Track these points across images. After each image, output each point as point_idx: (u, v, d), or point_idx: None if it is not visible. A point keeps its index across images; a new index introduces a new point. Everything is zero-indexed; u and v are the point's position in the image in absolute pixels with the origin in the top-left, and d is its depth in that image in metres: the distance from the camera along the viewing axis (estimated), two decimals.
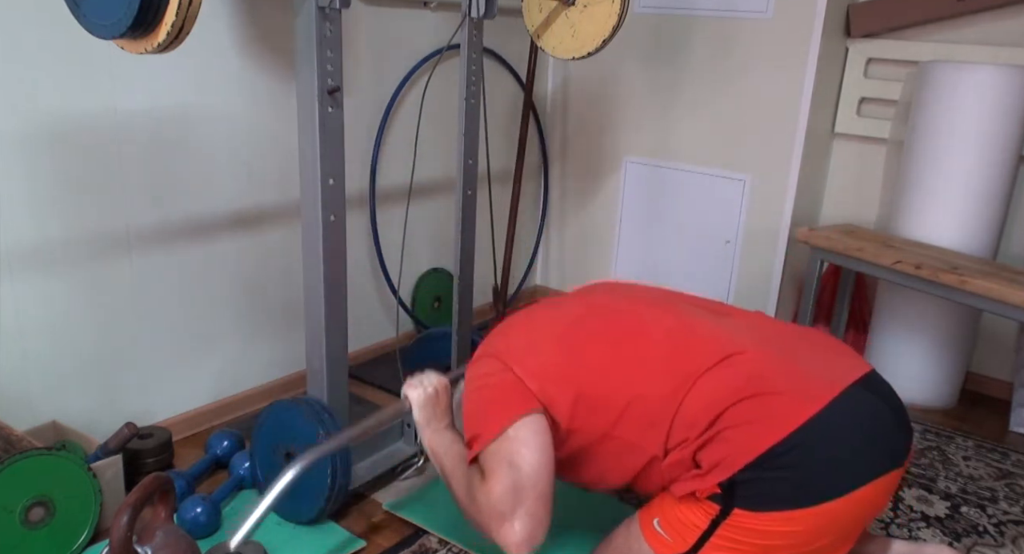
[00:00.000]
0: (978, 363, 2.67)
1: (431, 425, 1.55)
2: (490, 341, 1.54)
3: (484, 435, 1.39)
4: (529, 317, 1.57)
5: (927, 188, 2.38)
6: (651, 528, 1.38)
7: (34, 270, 1.79)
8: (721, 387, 1.32)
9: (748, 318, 1.52)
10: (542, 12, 2.05)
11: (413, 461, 1.99)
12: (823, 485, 1.26)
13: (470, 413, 1.45)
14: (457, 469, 1.45)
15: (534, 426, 1.37)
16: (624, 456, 1.40)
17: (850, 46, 2.67)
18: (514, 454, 1.35)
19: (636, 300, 1.55)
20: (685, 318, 1.46)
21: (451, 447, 1.49)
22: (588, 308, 1.54)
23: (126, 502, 1.33)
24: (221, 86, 2.05)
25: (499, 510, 1.34)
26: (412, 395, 1.57)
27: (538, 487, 1.35)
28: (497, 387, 1.43)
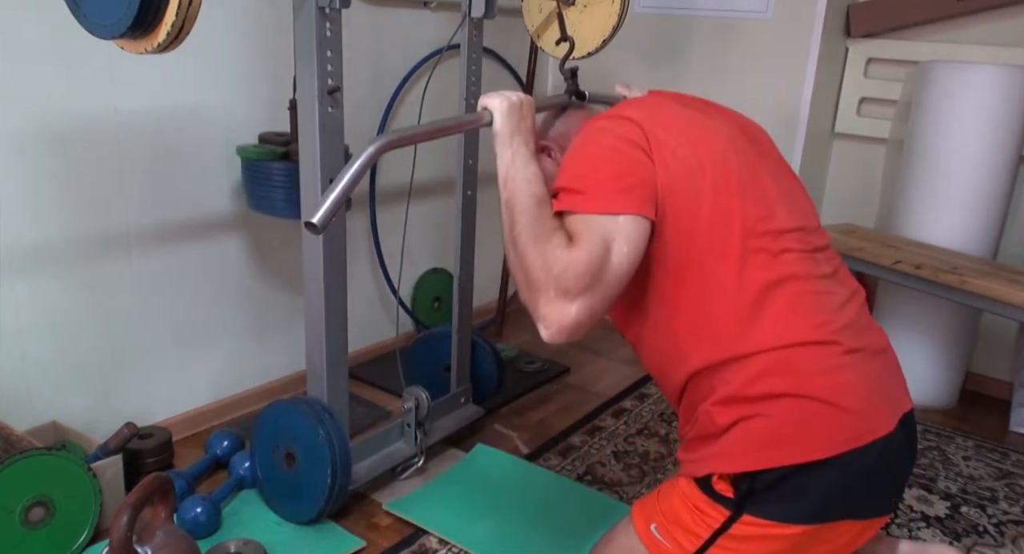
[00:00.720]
0: (978, 363, 2.67)
1: (513, 141, 1.28)
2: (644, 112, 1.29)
3: (595, 200, 1.18)
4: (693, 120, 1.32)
5: (927, 188, 2.38)
6: (649, 533, 1.35)
7: (34, 270, 1.79)
8: (804, 371, 1.20)
9: (843, 275, 1.34)
10: (542, 12, 2.05)
11: (413, 461, 1.99)
12: (841, 510, 1.22)
13: (585, 164, 1.23)
14: (532, 209, 1.21)
15: (643, 230, 1.19)
16: (674, 329, 1.26)
17: (850, 46, 2.67)
18: (615, 242, 1.16)
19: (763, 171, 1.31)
20: (809, 237, 1.28)
21: (535, 181, 1.25)
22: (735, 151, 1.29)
23: (126, 502, 1.33)
24: (221, 86, 2.05)
25: (568, 284, 1.14)
26: (494, 102, 1.32)
27: (613, 287, 1.17)
28: (633, 164, 1.21)
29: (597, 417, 2.37)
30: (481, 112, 1.34)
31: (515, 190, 1.24)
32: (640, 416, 2.39)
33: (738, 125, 1.39)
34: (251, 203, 2.03)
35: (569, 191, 1.21)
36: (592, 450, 2.18)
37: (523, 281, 1.19)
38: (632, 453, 2.18)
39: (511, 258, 1.22)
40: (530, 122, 1.33)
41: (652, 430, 2.31)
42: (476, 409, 2.21)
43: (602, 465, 2.11)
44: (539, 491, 1.97)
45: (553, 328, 1.15)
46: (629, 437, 2.26)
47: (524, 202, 1.22)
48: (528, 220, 1.20)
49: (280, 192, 1.93)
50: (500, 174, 1.27)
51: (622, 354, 2.80)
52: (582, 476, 2.05)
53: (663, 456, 2.17)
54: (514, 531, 1.81)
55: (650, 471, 2.09)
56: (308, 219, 1.18)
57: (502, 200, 1.26)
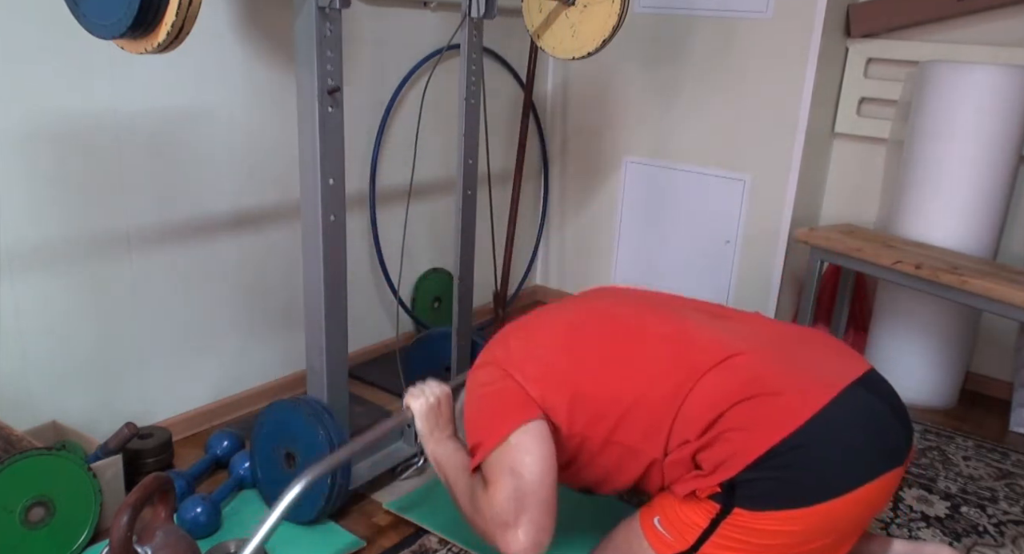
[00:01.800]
0: (978, 363, 2.67)
1: (434, 435, 1.56)
2: (490, 349, 1.54)
3: (486, 443, 1.39)
4: (528, 324, 1.58)
5: (927, 188, 2.38)
6: (652, 526, 1.38)
7: (34, 270, 1.79)
8: (721, 388, 1.32)
9: (747, 320, 1.53)
10: (542, 12, 2.05)
11: (413, 461, 1.99)
12: (823, 485, 1.26)
13: (472, 421, 1.45)
14: (460, 479, 1.46)
15: (536, 433, 1.37)
16: (626, 460, 1.40)
17: (850, 46, 2.67)
18: (516, 462, 1.35)
19: (634, 304, 1.56)
20: (684, 321, 1.46)
21: (453, 456, 1.50)
22: (587, 313, 1.55)
23: (126, 502, 1.33)
24: (221, 86, 2.05)
25: (502, 518, 1.34)
26: (414, 405, 1.58)
27: (540, 494, 1.35)
28: (498, 395, 1.43)
29: None
30: (404, 411, 1.59)
31: (444, 469, 1.50)
32: None
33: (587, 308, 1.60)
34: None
35: (472, 448, 1.43)
36: None
37: (480, 533, 1.40)
38: None
39: (464, 518, 1.45)
40: (447, 415, 1.59)
41: None
42: None
43: None
44: None
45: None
46: None
47: (451, 475, 1.48)
48: (460, 488, 1.45)
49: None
50: (430, 459, 1.56)
51: None
52: None
53: None
54: None
55: None
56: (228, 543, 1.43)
57: (440, 479, 1.52)
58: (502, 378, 1.43)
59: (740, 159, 2.75)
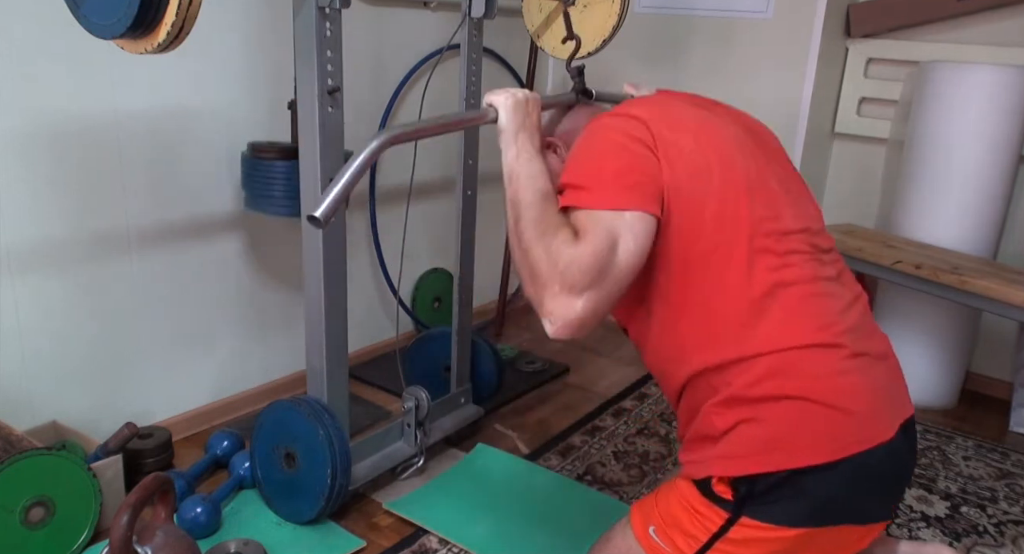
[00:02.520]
0: (978, 363, 2.67)
1: (518, 138, 1.28)
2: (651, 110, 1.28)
3: (601, 196, 1.18)
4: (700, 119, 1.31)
5: (927, 188, 2.38)
6: (647, 537, 1.33)
7: (34, 270, 1.79)
8: (807, 374, 1.19)
9: (847, 279, 1.34)
10: (542, 12, 2.05)
11: (413, 461, 1.99)
12: (841, 515, 1.21)
13: (591, 160, 1.23)
14: (539, 204, 1.21)
15: (648, 227, 1.18)
16: (678, 328, 1.25)
17: (850, 46, 2.67)
18: (621, 238, 1.15)
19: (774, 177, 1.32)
20: (822, 268, 1.27)
21: (539, 177, 1.24)
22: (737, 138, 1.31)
23: (126, 502, 1.33)
24: (221, 86, 2.05)
25: (574, 279, 1.13)
26: (499, 99, 1.31)
27: (619, 282, 1.16)
28: (639, 160, 1.21)
29: (597, 417, 2.37)
30: (486, 109, 1.33)
31: (520, 186, 1.23)
32: (640, 416, 2.39)
33: (745, 126, 1.39)
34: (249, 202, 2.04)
35: (574, 187, 1.20)
36: (592, 450, 2.18)
37: (528, 276, 1.18)
38: (632, 453, 2.18)
39: (516, 254, 1.22)
40: (535, 119, 1.32)
41: (652, 430, 2.31)
42: (476, 409, 2.21)
43: (602, 465, 2.11)
44: (539, 491, 1.97)
45: (559, 323, 1.14)
46: (629, 437, 2.26)
47: (529, 198, 1.21)
48: (533, 215, 1.20)
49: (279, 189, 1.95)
50: (505, 170, 1.27)
51: (622, 354, 2.80)
52: (582, 476, 2.05)
53: (663, 456, 2.17)
54: (514, 531, 1.81)
55: (650, 471, 2.09)
56: (312, 214, 1.17)
57: (507, 197, 1.25)
58: (650, 150, 1.21)
59: None
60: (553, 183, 1.26)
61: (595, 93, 1.58)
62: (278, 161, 1.93)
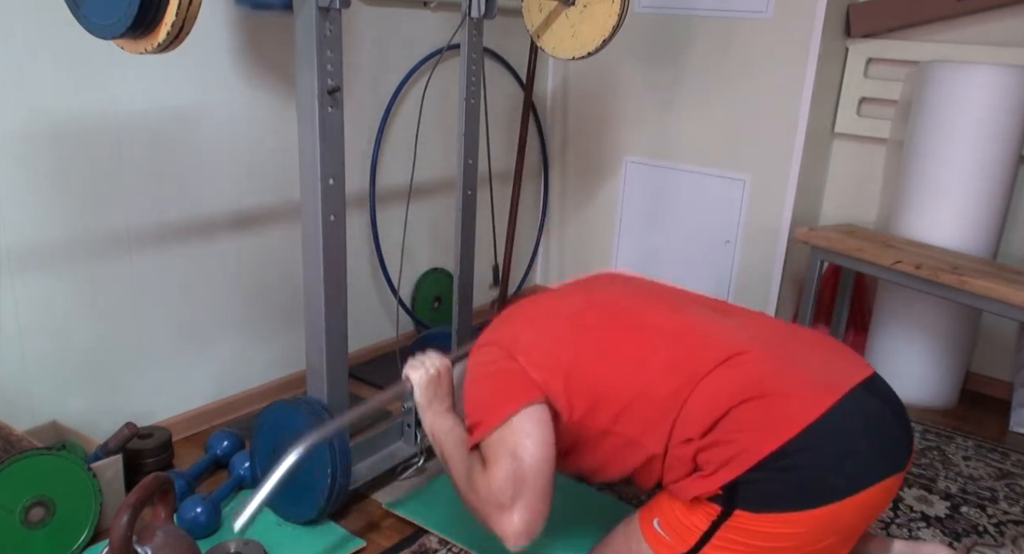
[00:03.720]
0: (978, 363, 2.67)
1: (432, 407, 1.53)
2: (494, 330, 1.53)
3: (487, 423, 1.37)
4: (533, 307, 1.57)
5: (927, 188, 2.38)
6: (651, 528, 1.37)
7: (34, 270, 1.79)
8: (725, 388, 1.31)
9: (751, 318, 1.52)
10: (542, 12, 2.05)
11: (413, 461, 1.99)
12: (825, 488, 1.25)
13: (473, 400, 1.43)
14: (457, 453, 1.44)
15: (537, 417, 1.36)
16: (625, 451, 1.40)
17: (850, 46, 2.67)
18: (516, 445, 1.34)
19: (640, 295, 1.55)
20: (689, 317, 1.46)
21: (452, 431, 1.48)
22: (592, 302, 1.54)
23: (126, 502, 1.33)
24: (221, 86, 2.05)
25: (498, 500, 1.33)
26: (414, 376, 1.55)
27: (539, 480, 1.34)
28: (502, 375, 1.42)
29: None
30: (404, 381, 1.57)
31: (441, 443, 1.48)
32: None
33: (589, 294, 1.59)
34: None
35: (471, 426, 1.41)
36: None
37: (474, 513, 1.39)
38: None
39: (458, 494, 1.44)
40: (446, 386, 1.56)
41: None
42: None
43: None
44: None
45: (511, 538, 1.33)
46: None
47: (449, 449, 1.46)
48: (455, 465, 1.43)
49: None
50: (427, 432, 1.52)
51: None
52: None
53: None
54: None
55: None
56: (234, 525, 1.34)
57: (436, 453, 1.50)
58: (506, 359, 1.43)
59: (740, 159, 2.75)
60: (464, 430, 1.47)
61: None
62: None
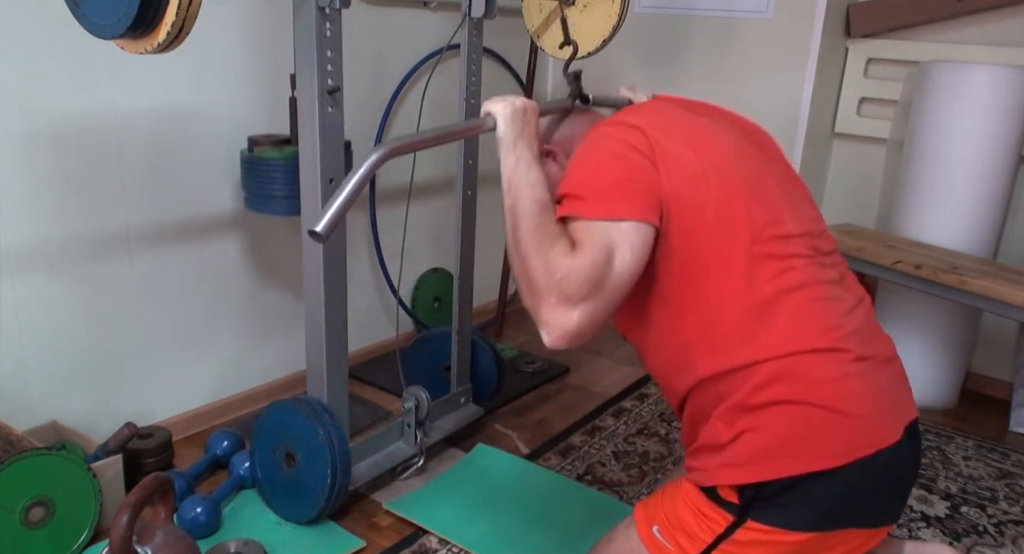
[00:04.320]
0: (978, 363, 2.67)
1: (516, 147, 1.28)
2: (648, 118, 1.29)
3: (599, 206, 1.18)
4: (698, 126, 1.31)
5: (927, 188, 2.38)
6: (651, 536, 1.33)
7: (34, 270, 1.79)
8: (811, 378, 1.19)
9: (850, 282, 1.34)
10: (542, 12, 2.05)
11: (413, 461, 1.99)
12: (842, 517, 1.21)
13: (589, 171, 1.23)
14: (537, 214, 1.21)
15: (647, 238, 1.19)
16: (680, 335, 1.25)
17: (850, 46, 2.67)
18: (617, 247, 1.16)
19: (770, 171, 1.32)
20: (823, 272, 1.26)
21: (537, 186, 1.24)
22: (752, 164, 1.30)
23: (126, 502, 1.33)
24: (221, 86, 2.05)
25: (569, 287, 1.14)
26: (497, 108, 1.32)
27: (616, 293, 1.17)
28: (637, 170, 1.21)
29: (597, 417, 2.37)
30: (484, 117, 1.34)
31: (518, 195, 1.24)
32: (640, 416, 2.39)
33: (744, 130, 1.39)
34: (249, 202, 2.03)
35: (572, 197, 1.21)
36: (592, 450, 2.18)
37: (526, 286, 1.19)
38: (632, 453, 2.18)
39: (514, 263, 1.22)
40: (533, 127, 1.33)
41: (652, 430, 2.31)
42: (476, 409, 2.21)
43: (602, 465, 2.11)
44: (539, 491, 1.97)
45: (556, 334, 1.15)
46: (629, 437, 2.26)
47: (527, 207, 1.22)
48: (531, 225, 1.20)
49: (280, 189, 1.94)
50: (504, 179, 1.27)
51: (622, 354, 2.80)
52: (582, 476, 2.05)
53: (663, 456, 2.17)
54: (514, 531, 1.81)
55: (650, 471, 2.09)
56: (311, 228, 1.18)
57: (505, 205, 1.25)
58: (648, 160, 1.22)
59: None
60: (552, 191, 1.26)
61: (592, 98, 1.58)
62: (276, 161, 1.93)
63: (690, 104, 1.42)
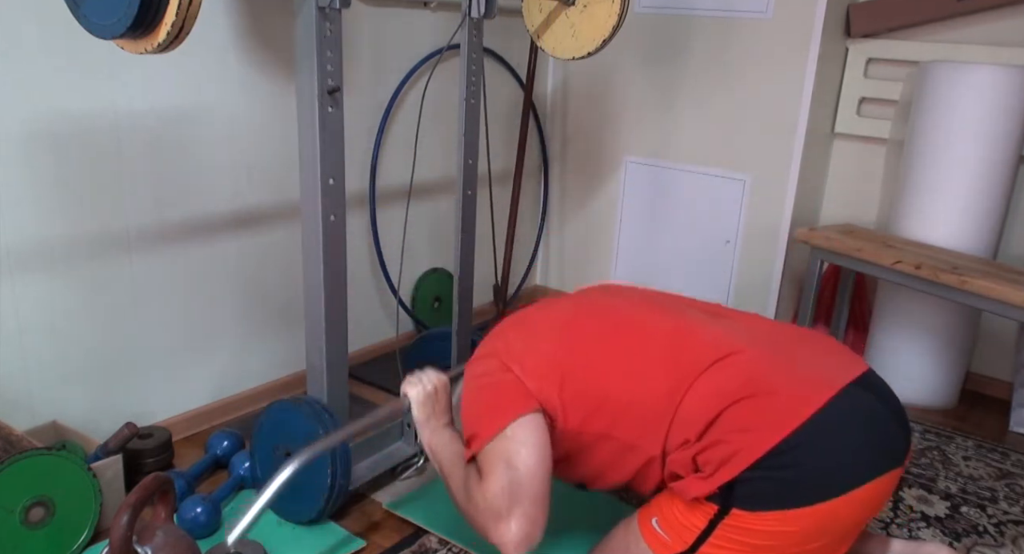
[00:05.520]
0: (978, 363, 2.67)
1: (429, 423, 1.55)
2: (489, 342, 1.55)
3: (482, 434, 1.39)
4: (527, 318, 1.58)
5: (927, 188, 2.38)
6: (650, 527, 1.38)
7: (34, 270, 1.79)
8: (719, 387, 1.32)
9: (744, 319, 1.53)
10: (542, 12, 2.05)
11: (413, 461, 1.99)
12: (821, 485, 1.26)
13: (469, 412, 1.45)
14: (455, 467, 1.46)
15: (532, 426, 1.37)
16: (623, 456, 1.41)
17: (850, 46, 2.67)
18: (512, 454, 1.35)
19: (632, 301, 1.56)
20: (681, 319, 1.47)
21: (449, 445, 1.50)
22: (585, 308, 1.55)
23: (126, 502, 1.33)
24: (221, 86, 2.05)
25: (495, 510, 1.34)
26: (411, 393, 1.57)
27: (535, 487, 1.34)
28: (496, 386, 1.43)
29: None
30: (402, 398, 1.58)
31: (439, 459, 1.49)
32: None
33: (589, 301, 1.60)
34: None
35: (468, 439, 1.42)
36: None
37: (471, 523, 1.40)
38: None
39: (457, 508, 1.44)
40: (444, 403, 1.58)
41: None
42: None
43: None
44: None
45: (510, 548, 1.33)
46: None
47: (446, 464, 1.47)
48: (455, 477, 1.44)
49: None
50: (425, 448, 1.54)
51: None
52: None
53: None
54: None
55: None
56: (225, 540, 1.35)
57: (436, 469, 1.51)
58: (500, 370, 1.44)
59: (740, 159, 2.75)
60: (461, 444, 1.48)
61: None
62: None
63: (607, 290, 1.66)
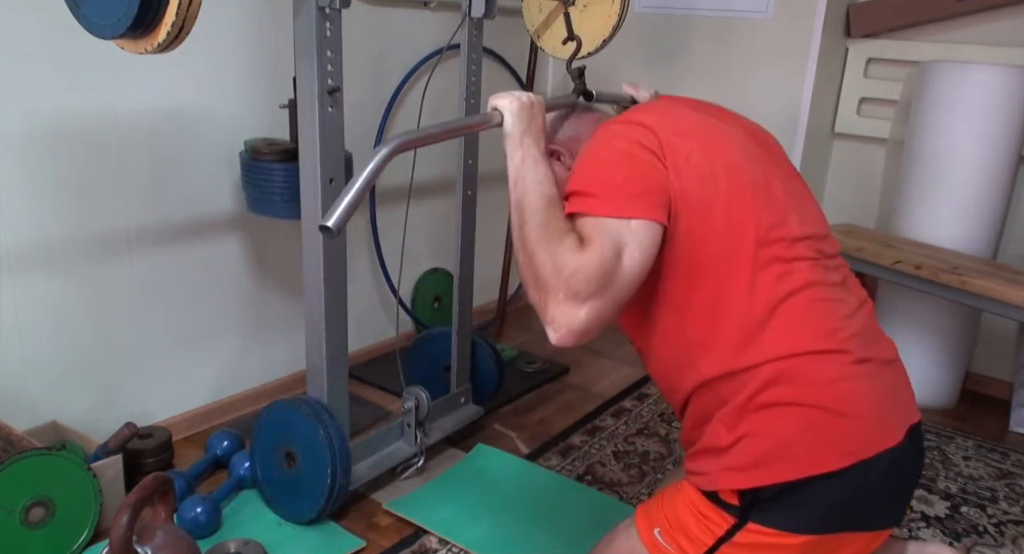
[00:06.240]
0: (978, 363, 2.67)
1: (525, 142, 1.28)
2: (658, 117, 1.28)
3: (608, 202, 1.17)
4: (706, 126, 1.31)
5: (927, 188, 2.38)
6: (652, 538, 1.33)
7: (34, 270, 1.79)
8: (812, 380, 1.19)
9: (850, 278, 1.35)
10: (542, 12, 2.05)
11: (413, 461, 1.99)
12: (844, 519, 1.21)
13: (601, 164, 1.22)
14: (545, 210, 1.20)
15: (655, 238, 1.18)
16: (684, 335, 1.25)
17: (850, 46, 2.67)
18: (626, 246, 1.15)
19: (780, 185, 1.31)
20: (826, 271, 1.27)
21: (544, 181, 1.24)
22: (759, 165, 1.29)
23: (126, 502, 1.33)
24: (221, 86, 2.05)
25: (577, 286, 1.12)
26: (502, 103, 1.32)
27: (624, 291, 1.16)
28: (646, 169, 1.20)
29: (597, 417, 2.37)
30: (491, 112, 1.33)
31: (526, 191, 1.23)
32: (640, 416, 2.39)
33: (750, 132, 1.39)
34: (250, 205, 2.03)
35: (581, 194, 1.20)
36: (592, 450, 2.18)
37: (532, 283, 1.18)
38: (632, 453, 2.18)
39: (520, 259, 1.21)
40: (540, 122, 1.32)
41: (652, 430, 2.31)
42: (476, 409, 2.21)
43: (602, 465, 2.11)
44: (539, 491, 1.97)
45: (562, 331, 1.14)
46: (629, 437, 2.26)
47: (535, 203, 1.21)
48: (539, 221, 1.19)
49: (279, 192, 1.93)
50: (511, 175, 1.26)
51: (622, 354, 2.80)
52: (582, 476, 2.05)
53: (663, 456, 2.17)
54: (514, 531, 1.81)
55: (650, 471, 2.09)
56: (323, 223, 1.17)
57: (512, 201, 1.25)
58: (656, 158, 1.21)
59: None
60: (558, 189, 1.25)
61: (596, 94, 1.57)
62: (276, 163, 1.92)
63: (697, 104, 1.42)
